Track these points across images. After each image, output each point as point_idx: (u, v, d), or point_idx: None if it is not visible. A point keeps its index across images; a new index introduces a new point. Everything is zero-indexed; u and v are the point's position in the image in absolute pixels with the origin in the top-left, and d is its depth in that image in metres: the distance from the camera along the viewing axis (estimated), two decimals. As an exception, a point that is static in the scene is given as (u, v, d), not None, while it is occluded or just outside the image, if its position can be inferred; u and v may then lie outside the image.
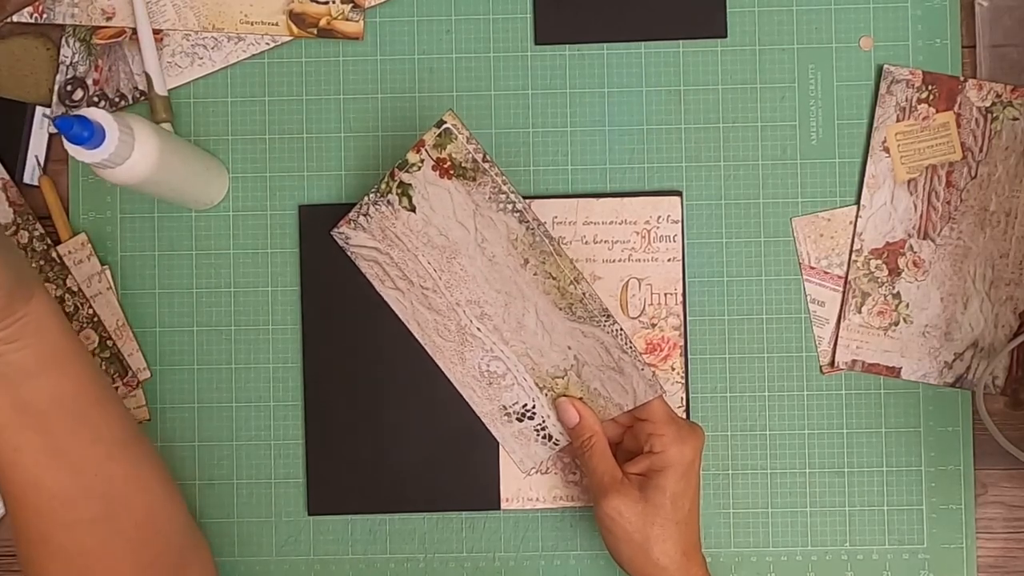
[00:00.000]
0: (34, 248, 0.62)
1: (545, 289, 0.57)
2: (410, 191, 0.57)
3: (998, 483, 0.62)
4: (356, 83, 0.63)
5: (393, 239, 0.58)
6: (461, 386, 0.60)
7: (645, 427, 0.56)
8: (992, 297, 0.62)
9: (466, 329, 0.59)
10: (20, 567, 0.50)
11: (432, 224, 0.58)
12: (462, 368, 0.60)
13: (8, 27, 0.63)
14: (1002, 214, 0.61)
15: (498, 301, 0.58)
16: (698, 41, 0.63)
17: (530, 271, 0.57)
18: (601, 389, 0.58)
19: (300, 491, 0.62)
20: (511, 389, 0.59)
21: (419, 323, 0.60)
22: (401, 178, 0.57)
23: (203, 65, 0.63)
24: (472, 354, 0.59)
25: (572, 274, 0.56)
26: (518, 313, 0.58)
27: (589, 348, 0.57)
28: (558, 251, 0.56)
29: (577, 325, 0.57)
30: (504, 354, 0.59)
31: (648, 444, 0.55)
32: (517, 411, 0.60)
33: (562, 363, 0.58)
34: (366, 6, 0.63)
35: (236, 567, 0.62)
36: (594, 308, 0.56)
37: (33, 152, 0.63)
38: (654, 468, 0.54)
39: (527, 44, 0.63)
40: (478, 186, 0.56)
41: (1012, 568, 0.62)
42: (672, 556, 0.54)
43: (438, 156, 0.56)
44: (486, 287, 0.58)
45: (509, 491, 0.61)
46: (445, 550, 0.62)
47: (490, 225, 0.57)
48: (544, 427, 0.60)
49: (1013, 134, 0.61)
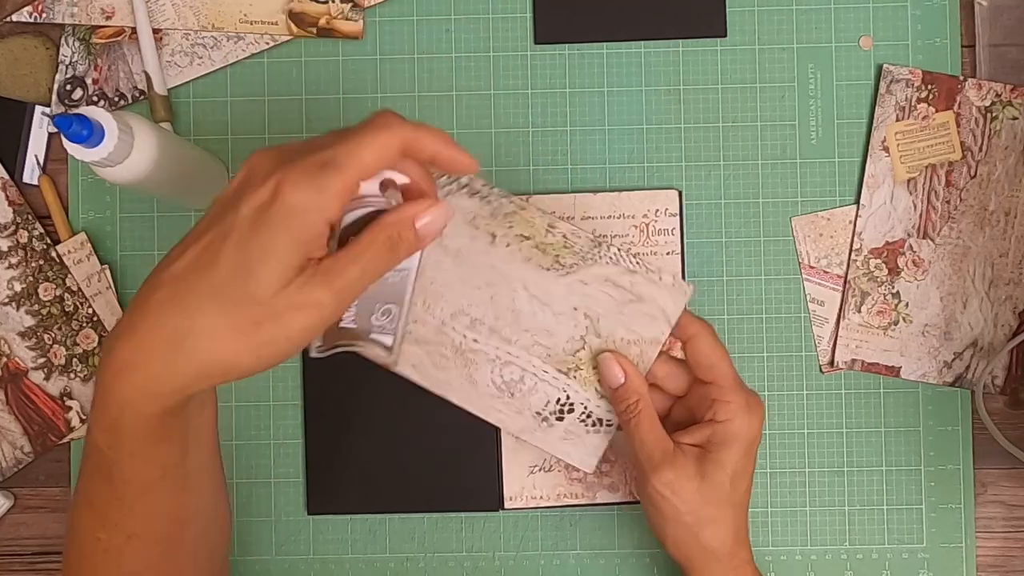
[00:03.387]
0: (34, 248, 0.62)
1: (525, 256, 0.50)
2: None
3: (997, 482, 0.62)
4: (356, 83, 0.63)
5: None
6: (485, 413, 0.52)
7: (709, 391, 0.49)
8: (991, 296, 0.62)
9: (463, 347, 0.51)
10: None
11: None
12: (476, 392, 0.51)
13: (8, 26, 0.63)
14: (1001, 213, 0.62)
15: (482, 298, 0.50)
16: (698, 41, 0.63)
17: (501, 244, 0.49)
18: (628, 334, 0.50)
19: (300, 491, 0.62)
20: (536, 390, 0.51)
21: (413, 365, 0.51)
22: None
23: (203, 64, 0.63)
24: (480, 372, 0.51)
25: (544, 221, 0.49)
26: (507, 301, 0.50)
27: (595, 295, 0.50)
28: (521, 205, 0.49)
29: (573, 277, 0.50)
30: (512, 355, 0.51)
31: (712, 411, 0.49)
32: (553, 410, 0.51)
33: (574, 331, 0.50)
34: (366, 5, 0.63)
35: (236, 567, 0.62)
36: (581, 245, 0.49)
37: (32, 151, 0.63)
38: (715, 440, 0.48)
39: (527, 44, 0.63)
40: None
41: (1011, 567, 0.62)
42: (723, 540, 0.49)
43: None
44: (464, 289, 0.50)
45: (512, 490, 0.61)
46: (445, 550, 0.62)
47: None
48: (589, 413, 0.51)
49: (1013, 133, 0.61)
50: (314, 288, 0.38)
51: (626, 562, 0.62)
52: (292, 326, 0.38)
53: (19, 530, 0.63)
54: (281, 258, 0.37)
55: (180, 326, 0.37)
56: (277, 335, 0.38)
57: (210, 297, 0.38)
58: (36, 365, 0.62)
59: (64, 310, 0.62)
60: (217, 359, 0.38)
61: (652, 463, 0.48)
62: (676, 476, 0.48)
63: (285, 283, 0.38)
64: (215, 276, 0.38)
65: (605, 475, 0.61)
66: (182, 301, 0.38)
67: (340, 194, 0.38)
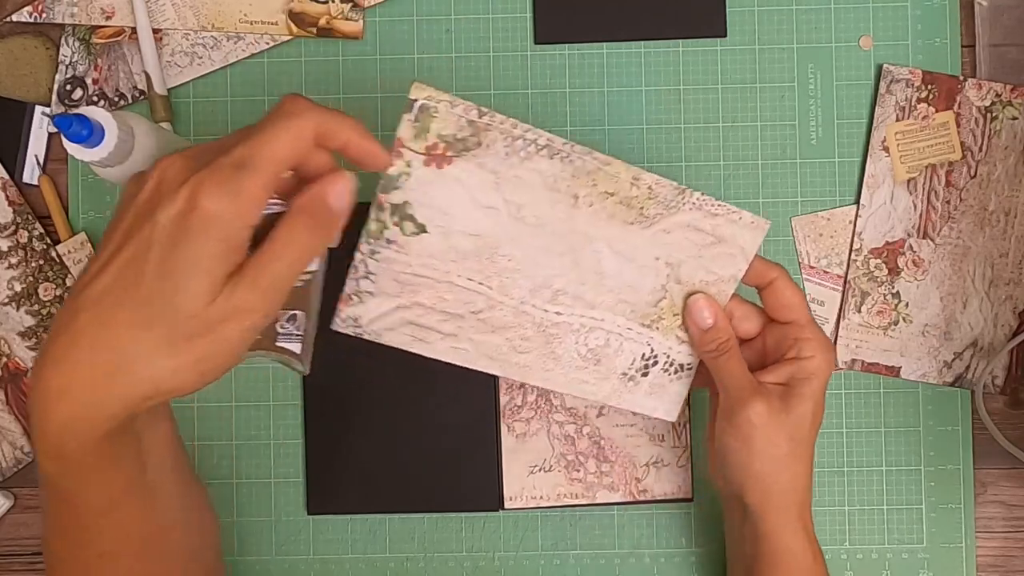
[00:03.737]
0: (33, 248, 0.62)
1: (609, 213, 0.48)
2: (409, 209, 0.45)
3: (997, 482, 0.62)
4: (356, 83, 0.63)
5: (414, 281, 0.47)
6: (569, 388, 0.51)
7: (789, 331, 0.50)
8: (991, 296, 0.62)
9: (544, 322, 0.49)
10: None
11: (453, 231, 0.46)
12: (560, 368, 0.50)
13: (8, 26, 0.63)
14: (1001, 213, 0.62)
15: (565, 265, 0.48)
16: (698, 41, 0.63)
17: (584, 205, 0.47)
18: (707, 275, 0.50)
19: (300, 491, 0.62)
20: (621, 351, 0.51)
21: (490, 356, 0.49)
22: (390, 201, 0.45)
23: (203, 64, 0.63)
24: (564, 345, 0.50)
25: (629, 174, 0.47)
26: (592, 263, 0.48)
27: (678, 242, 0.49)
28: (606, 160, 0.46)
29: (657, 227, 0.48)
30: (597, 319, 0.50)
31: (795, 349, 0.49)
32: (639, 367, 0.51)
33: (656, 282, 0.50)
34: (365, 5, 0.63)
35: (236, 567, 0.62)
36: (666, 192, 0.48)
37: (32, 151, 0.63)
38: (799, 376, 0.49)
39: (527, 44, 0.63)
40: (487, 150, 0.45)
41: (1011, 567, 0.62)
42: (804, 480, 0.49)
43: (425, 145, 0.44)
44: (546, 259, 0.48)
45: (512, 490, 0.61)
46: (445, 550, 0.62)
47: (520, 185, 0.46)
48: (671, 361, 0.52)
49: (1013, 133, 0.61)
50: (240, 292, 0.37)
51: (626, 562, 0.62)
52: (228, 337, 0.37)
53: (19, 530, 0.63)
54: (207, 269, 0.36)
55: (112, 350, 0.36)
56: (214, 349, 0.37)
57: (139, 317, 0.36)
58: (36, 365, 0.62)
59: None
60: (155, 381, 0.37)
61: (742, 396, 0.48)
62: (768, 408, 0.48)
63: (214, 294, 0.36)
64: (141, 294, 0.36)
65: (605, 475, 0.61)
66: (110, 322, 0.36)
67: (258, 195, 0.36)
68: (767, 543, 0.50)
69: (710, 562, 0.62)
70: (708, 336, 0.50)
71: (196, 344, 0.36)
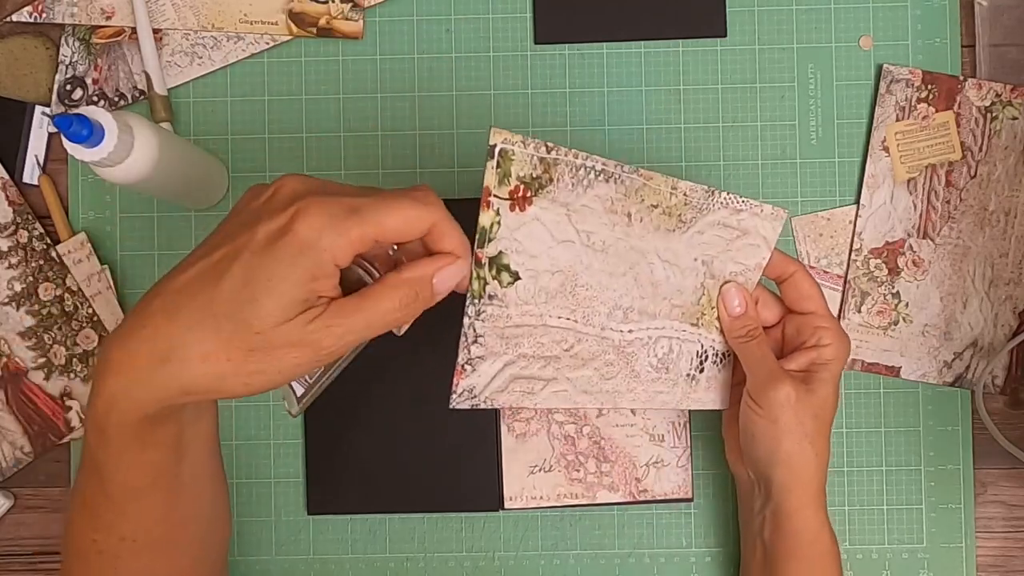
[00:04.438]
0: (34, 248, 0.62)
1: (655, 224, 0.49)
2: (504, 259, 0.46)
3: (997, 482, 0.62)
4: (356, 83, 0.63)
5: (516, 333, 0.48)
6: (651, 401, 0.53)
7: (808, 320, 0.53)
8: (991, 296, 0.62)
9: (622, 344, 0.51)
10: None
11: (541, 272, 0.47)
12: (641, 386, 0.53)
13: (8, 26, 0.63)
14: (1001, 213, 0.62)
15: (628, 284, 0.50)
16: (698, 41, 0.63)
17: (636, 221, 0.49)
18: (735, 267, 0.53)
19: (300, 491, 0.62)
20: (682, 354, 0.53)
21: (586, 391, 0.51)
22: (487, 255, 0.45)
23: (203, 64, 0.63)
24: (640, 361, 0.52)
25: (667, 185, 0.49)
26: (647, 276, 0.50)
27: (710, 240, 0.51)
28: (648, 175, 0.48)
29: (693, 230, 0.51)
30: (659, 328, 0.52)
31: (815, 338, 0.52)
32: (696, 365, 0.54)
33: (696, 280, 0.52)
34: (365, 5, 0.63)
35: (236, 567, 0.62)
36: (698, 197, 0.50)
37: (32, 151, 0.63)
38: (819, 362, 0.52)
39: (527, 44, 0.63)
40: (557, 184, 0.46)
41: (1011, 567, 0.62)
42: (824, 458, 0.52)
43: (508, 190, 0.45)
44: (612, 281, 0.50)
45: (512, 490, 0.61)
46: (445, 550, 0.62)
47: (587, 213, 0.47)
48: (717, 352, 0.54)
49: (1012, 133, 0.61)
50: (317, 329, 0.38)
51: (626, 562, 0.62)
52: (285, 361, 0.38)
53: (19, 530, 0.63)
54: (285, 291, 0.37)
55: (170, 339, 0.37)
56: (268, 367, 0.38)
57: (207, 316, 0.37)
58: (36, 365, 0.62)
59: (64, 310, 0.62)
60: (202, 379, 0.38)
61: (771, 378, 0.51)
62: (795, 389, 0.51)
63: (286, 317, 0.37)
64: (217, 296, 0.37)
65: (605, 475, 0.61)
66: (178, 314, 0.38)
67: (355, 242, 0.37)
68: (790, 522, 0.52)
69: (710, 562, 0.62)
70: (738, 322, 0.53)
71: (251, 358, 0.37)
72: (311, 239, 0.37)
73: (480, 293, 0.45)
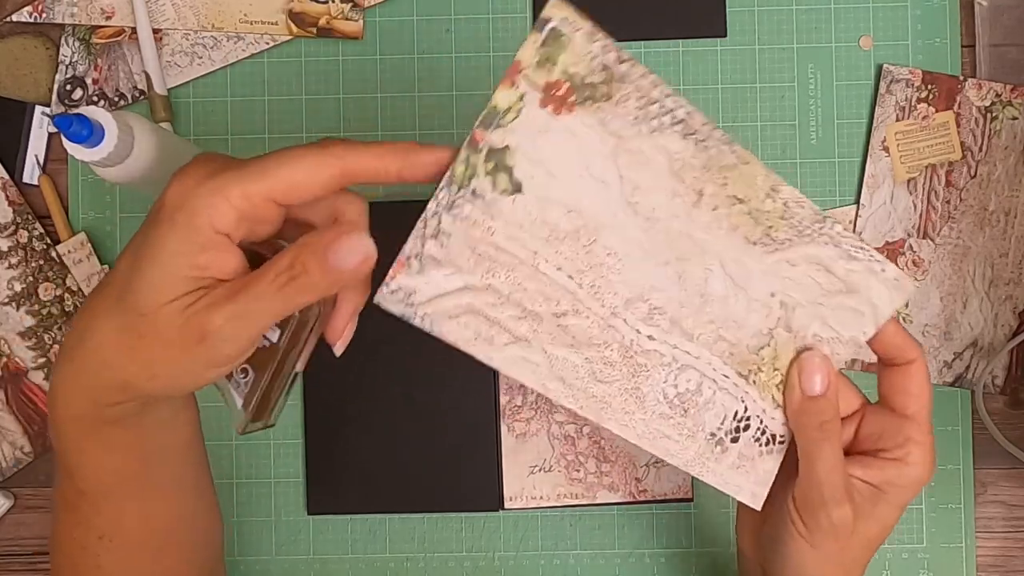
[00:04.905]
0: (34, 248, 0.62)
1: (732, 223, 0.38)
2: (509, 158, 0.35)
3: (997, 482, 0.62)
4: (356, 83, 0.63)
5: (492, 257, 0.36)
6: (650, 443, 0.40)
7: (903, 426, 0.41)
8: (991, 296, 0.62)
9: (633, 347, 0.39)
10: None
11: (552, 200, 0.36)
12: (641, 413, 0.40)
13: (8, 26, 0.63)
14: (1001, 213, 0.62)
15: (668, 277, 0.38)
16: (698, 41, 0.63)
17: (707, 206, 0.38)
18: (823, 330, 0.41)
19: (300, 491, 0.62)
20: (712, 403, 0.40)
21: (564, 379, 0.38)
22: (490, 142, 0.35)
23: (203, 64, 0.63)
24: (651, 381, 0.39)
25: (768, 182, 0.38)
26: (698, 282, 0.39)
27: (801, 279, 0.40)
28: (745, 157, 0.38)
29: (781, 255, 0.39)
30: (692, 356, 0.40)
31: (904, 451, 0.41)
32: (730, 429, 0.41)
33: (765, 323, 0.40)
34: (365, 5, 0.63)
35: (236, 567, 0.62)
36: (802, 217, 0.39)
37: (32, 151, 0.63)
38: (897, 483, 0.41)
39: (527, 44, 0.63)
40: (615, 106, 0.36)
41: (1011, 567, 0.62)
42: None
43: (547, 80, 0.35)
44: (648, 265, 0.38)
45: (512, 490, 0.61)
46: (445, 550, 0.62)
47: (641, 162, 0.37)
48: (763, 428, 0.41)
49: (1013, 133, 0.61)
50: (198, 312, 0.33)
51: (626, 562, 0.62)
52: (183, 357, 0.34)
53: (19, 530, 0.63)
54: (164, 264, 0.33)
55: (81, 334, 0.36)
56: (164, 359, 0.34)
57: (106, 299, 0.35)
58: (36, 365, 0.62)
59: (64, 310, 0.62)
60: (110, 371, 0.35)
61: (833, 496, 0.40)
62: (855, 513, 0.40)
63: (169, 297, 0.33)
64: (111, 280, 0.35)
65: (605, 475, 0.61)
66: (87, 307, 0.36)
67: (237, 201, 0.33)
68: None
69: (710, 562, 0.62)
70: (813, 407, 0.40)
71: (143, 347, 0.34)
72: (178, 202, 0.33)
73: (463, 181, 0.35)
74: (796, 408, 0.41)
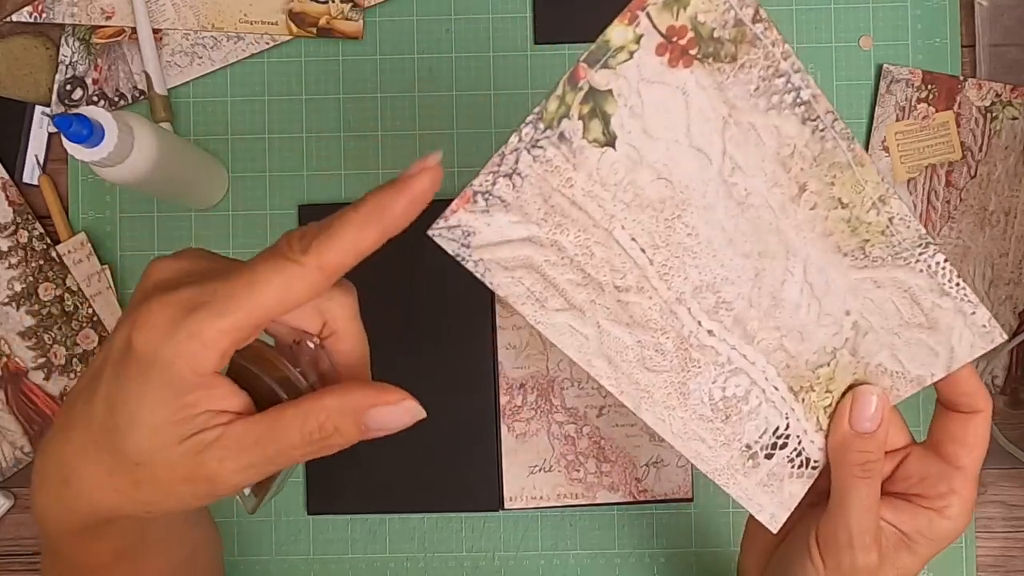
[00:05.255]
0: (33, 248, 0.62)
1: (827, 228, 0.36)
2: (608, 104, 0.31)
3: (998, 483, 0.62)
4: (356, 83, 0.63)
5: (565, 211, 0.33)
6: (681, 443, 0.38)
7: (949, 475, 0.39)
8: (992, 296, 0.62)
9: (691, 340, 0.36)
10: None
11: (644, 163, 0.33)
12: (682, 411, 0.37)
13: (8, 26, 0.63)
14: (1001, 213, 0.62)
15: (744, 271, 0.36)
16: (698, 41, 0.63)
17: (806, 204, 0.35)
18: (890, 362, 0.38)
19: (300, 491, 0.62)
20: (756, 414, 0.38)
21: (610, 359, 0.36)
22: (592, 81, 0.31)
23: (202, 64, 0.63)
24: (699, 380, 0.37)
25: (876, 191, 0.35)
26: (774, 283, 0.36)
27: (881, 303, 0.37)
28: (861, 158, 0.35)
29: (869, 273, 0.37)
30: (748, 360, 0.37)
31: (944, 501, 0.38)
32: (767, 443, 0.39)
33: (831, 341, 0.38)
34: (365, 5, 0.63)
35: (236, 567, 0.62)
36: (903, 237, 0.36)
37: (32, 151, 0.63)
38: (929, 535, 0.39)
39: (527, 44, 0.63)
40: (739, 70, 0.32)
41: (1011, 567, 0.62)
42: None
43: (669, 24, 0.31)
44: (726, 253, 0.35)
45: (512, 490, 0.61)
46: (445, 550, 0.62)
47: (750, 140, 0.33)
48: (800, 450, 0.39)
49: (1013, 133, 0.61)
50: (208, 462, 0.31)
51: (626, 562, 0.62)
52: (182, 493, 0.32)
53: (19, 530, 0.63)
54: (148, 417, 0.30)
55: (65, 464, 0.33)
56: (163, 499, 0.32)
57: (89, 443, 0.32)
58: (36, 365, 0.62)
59: (64, 310, 0.62)
60: (101, 506, 0.33)
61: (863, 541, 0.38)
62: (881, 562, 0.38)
63: (164, 444, 0.30)
64: (92, 420, 0.32)
65: (605, 475, 0.61)
66: (69, 436, 0.33)
67: (216, 342, 0.29)
68: None
69: (710, 562, 0.62)
70: (860, 444, 0.38)
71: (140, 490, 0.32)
72: (148, 353, 0.29)
73: (552, 121, 0.31)
74: (841, 442, 0.38)
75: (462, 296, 0.61)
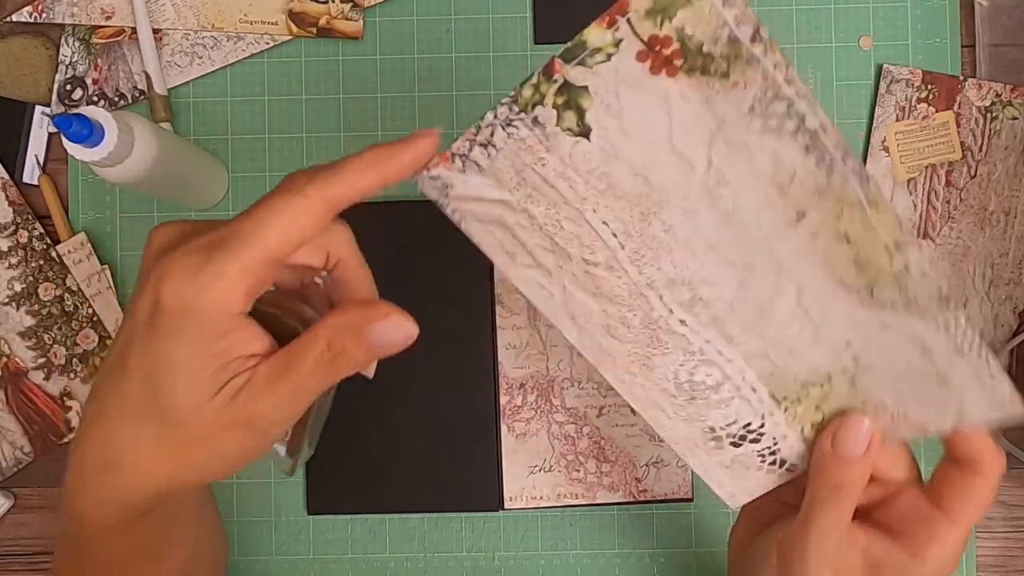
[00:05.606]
0: (34, 248, 0.62)
1: (827, 259, 0.34)
2: (583, 100, 0.32)
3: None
4: (356, 83, 0.63)
5: (537, 186, 0.34)
6: (642, 407, 0.39)
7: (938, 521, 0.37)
8: (991, 296, 0.62)
9: (659, 324, 0.36)
10: None
11: (620, 158, 0.33)
12: (644, 380, 0.38)
13: (8, 26, 0.63)
14: (1001, 213, 0.62)
15: (727, 279, 0.35)
16: (698, 41, 0.63)
17: (806, 231, 0.34)
18: (892, 403, 0.37)
19: (300, 491, 0.62)
20: (727, 404, 0.38)
21: (574, 317, 0.36)
22: (568, 77, 0.31)
23: (202, 64, 0.63)
24: (666, 360, 0.37)
25: (892, 236, 0.34)
26: (762, 296, 0.35)
27: (889, 347, 0.36)
28: (876, 200, 0.33)
29: (876, 315, 0.35)
30: (723, 357, 0.37)
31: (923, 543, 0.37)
32: (733, 433, 0.39)
33: (826, 365, 0.37)
34: (365, 5, 0.63)
35: (236, 567, 0.62)
36: (921, 290, 0.34)
37: (32, 151, 0.63)
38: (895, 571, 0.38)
39: (527, 44, 0.63)
40: (731, 89, 0.31)
41: (1012, 567, 0.62)
42: None
43: (652, 33, 0.30)
44: (709, 258, 0.35)
45: (512, 490, 0.61)
46: (445, 550, 0.62)
47: (740, 157, 0.33)
48: (774, 450, 0.39)
49: (1013, 133, 0.61)
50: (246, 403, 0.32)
51: (626, 562, 0.62)
52: (230, 446, 0.33)
53: (19, 530, 0.63)
54: (188, 371, 0.31)
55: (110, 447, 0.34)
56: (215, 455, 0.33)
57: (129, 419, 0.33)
58: (36, 365, 0.62)
59: (64, 310, 0.62)
60: (158, 479, 0.34)
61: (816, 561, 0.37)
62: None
63: (206, 398, 0.32)
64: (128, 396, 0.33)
65: (605, 475, 0.61)
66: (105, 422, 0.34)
67: (239, 278, 0.31)
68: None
69: (710, 562, 0.62)
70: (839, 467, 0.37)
71: (191, 451, 0.33)
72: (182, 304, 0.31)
73: (527, 106, 0.32)
74: (823, 462, 0.38)
75: (462, 296, 0.61)
